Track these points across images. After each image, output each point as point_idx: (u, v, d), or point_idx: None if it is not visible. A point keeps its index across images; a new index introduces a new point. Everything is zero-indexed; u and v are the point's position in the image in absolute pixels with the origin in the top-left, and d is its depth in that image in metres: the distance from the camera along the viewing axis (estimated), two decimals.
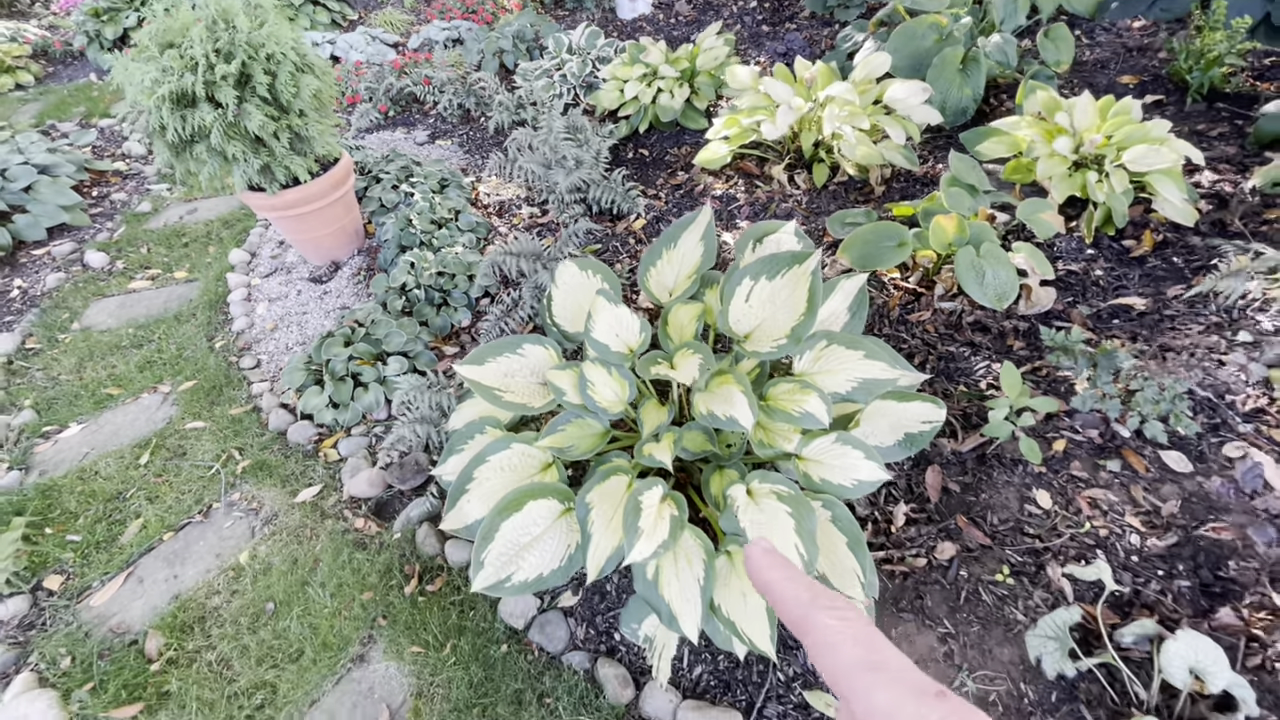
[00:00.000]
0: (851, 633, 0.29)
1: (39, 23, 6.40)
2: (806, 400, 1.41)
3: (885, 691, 0.26)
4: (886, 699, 0.26)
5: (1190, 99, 2.80)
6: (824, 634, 0.29)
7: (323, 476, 2.12)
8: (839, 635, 0.29)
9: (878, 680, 0.26)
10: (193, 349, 2.73)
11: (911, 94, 2.53)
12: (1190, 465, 1.66)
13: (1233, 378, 1.78)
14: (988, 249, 2.01)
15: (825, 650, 0.29)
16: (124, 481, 2.20)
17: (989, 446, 1.81)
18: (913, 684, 0.26)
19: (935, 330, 2.16)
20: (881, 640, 0.29)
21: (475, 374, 1.60)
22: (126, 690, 1.64)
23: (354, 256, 3.04)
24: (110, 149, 4.36)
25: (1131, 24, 3.45)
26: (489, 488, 1.52)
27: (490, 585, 1.37)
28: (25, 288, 3.20)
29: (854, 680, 0.27)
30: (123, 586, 1.90)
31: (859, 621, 0.30)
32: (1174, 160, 2.12)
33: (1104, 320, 2.06)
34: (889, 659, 0.27)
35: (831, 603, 0.31)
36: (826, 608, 0.31)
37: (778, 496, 1.37)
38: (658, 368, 1.49)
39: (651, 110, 3.34)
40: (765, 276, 1.48)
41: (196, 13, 2.25)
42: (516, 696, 1.53)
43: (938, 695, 0.25)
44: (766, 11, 4.51)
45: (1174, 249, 2.23)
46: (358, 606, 1.75)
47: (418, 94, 4.20)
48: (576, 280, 1.78)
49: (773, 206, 2.81)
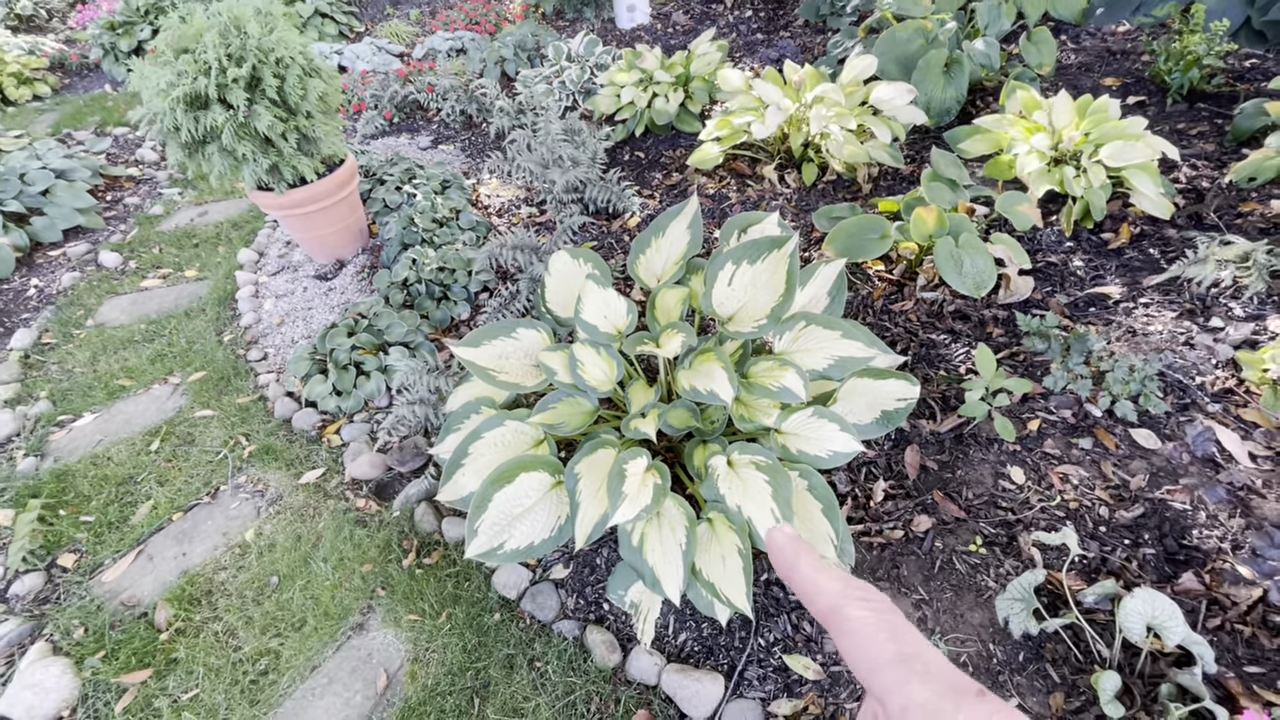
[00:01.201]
0: (885, 625, 0.28)
1: (56, 36, 6.59)
2: (785, 376, 1.48)
3: (923, 688, 0.25)
4: (924, 696, 0.24)
5: (1171, 99, 2.88)
6: (855, 626, 0.28)
7: (326, 460, 2.20)
8: (872, 628, 0.28)
9: (914, 676, 0.25)
10: (202, 342, 2.82)
11: (897, 95, 2.62)
12: (1159, 442, 1.72)
13: (1202, 361, 1.85)
14: (966, 239, 2.09)
15: (857, 643, 0.28)
16: (135, 466, 2.29)
17: (966, 426, 1.87)
18: (951, 682, 0.25)
19: (917, 319, 2.23)
20: (916, 634, 0.28)
21: (471, 355, 1.68)
22: (136, 657, 1.71)
23: (358, 255, 3.14)
24: (124, 155, 4.50)
25: (1115, 29, 3.54)
26: (484, 462, 1.60)
27: (483, 552, 1.44)
28: (42, 286, 3.31)
29: (887, 675, 0.26)
30: (133, 563, 1.98)
31: (892, 614, 0.29)
32: (1150, 156, 2.19)
33: (1081, 308, 2.13)
34: (925, 654, 0.26)
35: (864, 594, 0.30)
36: (858, 599, 0.29)
37: (756, 466, 1.44)
38: (644, 346, 1.57)
39: (647, 114, 3.44)
40: (747, 261, 1.56)
41: (210, 20, 2.36)
42: (508, 661, 1.60)
43: (978, 695, 0.24)
44: (761, 20, 4.62)
45: (1150, 241, 2.30)
46: (358, 579, 1.82)
47: (421, 101, 4.32)
48: (569, 268, 1.86)
49: (764, 204, 2.89)
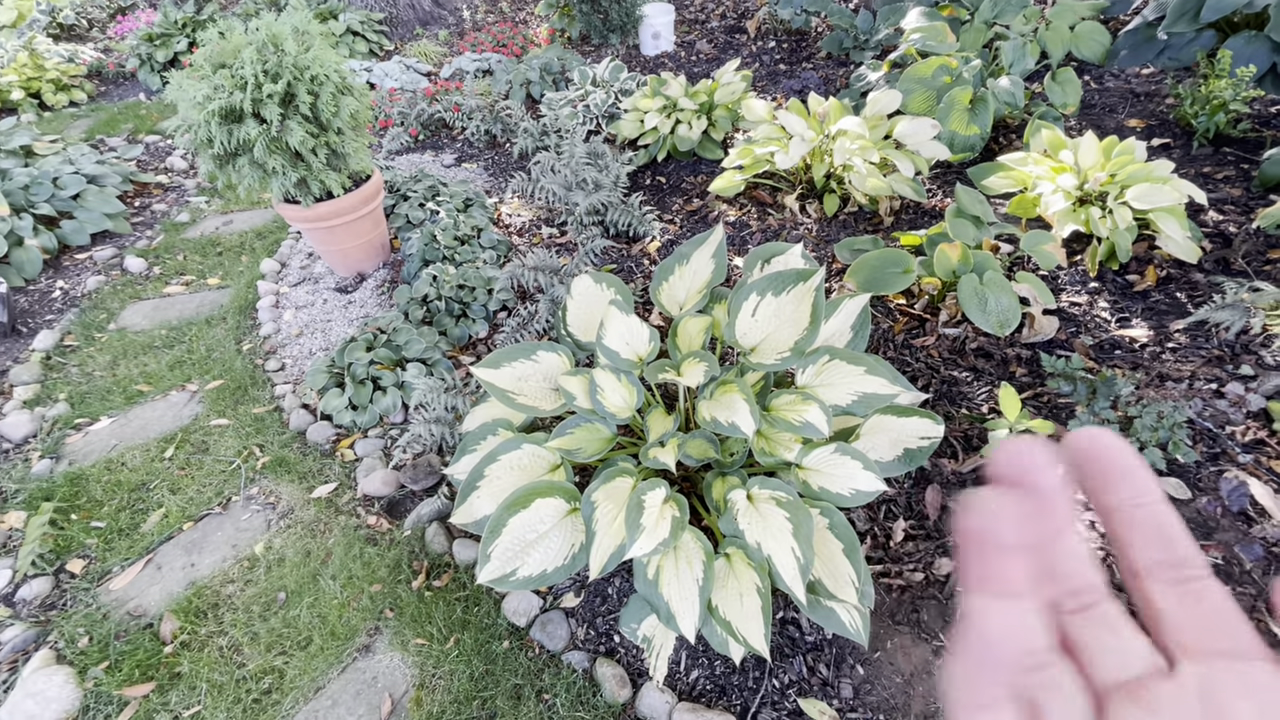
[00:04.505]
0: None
1: (95, 45, 6.78)
2: (807, 411, 1.46)
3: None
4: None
5: (1196, 143, 2.87)
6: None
7: (339, 475, 2.20)
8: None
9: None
10: (221, 351, 2.84)
11: (920, 130, 2.63)
12: (1189, 492, 1.68)
13: (1232, 409, 1.81)
14: (990, 277, 2.08)
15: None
16: (149, 473, 2.29)
17: (988, 468, 1.84)
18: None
19: (939, 355, 2.21)
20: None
21: (491, 376, 1.67)
22: (140, 670, 1.69)
23: (379, 269, 3.17)
24: (154, 163, 4.59)
25: (1139, 71, 3.55)
26: (499, 485, 1.58)
27: (495, 578, 1.42)
28: (67, 289, 3.36)
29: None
30: (142, 572, 1.97)
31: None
32: (1176, 199, 2.18)
33: (1106, 350, 2.10)
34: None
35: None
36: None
37: (777, 502, 1.42)
38: (665, 374, 1.56)
39: (670, 140, 3.47)
40: (771, 292, 1.55)
41: (248, 36, 2.42)
42: (516, 691, 1.57)
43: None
44: (784, 51, 4.68)
45: (1177, 284, 2.28)
46: (366, 599, 1.80)
47: (447, 120, 4.39)
48: (591, 292, 1.86)
49: (784, 234, 2.90)
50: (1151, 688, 0.22)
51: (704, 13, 5.62)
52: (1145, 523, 0.24)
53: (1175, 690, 0.22)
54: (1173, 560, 0.24)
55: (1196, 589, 0.23)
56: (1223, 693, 0.21)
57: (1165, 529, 0.24)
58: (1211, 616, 0.23)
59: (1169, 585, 0.24)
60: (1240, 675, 0.22)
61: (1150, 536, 0.24)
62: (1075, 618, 0.25)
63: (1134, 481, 0.25)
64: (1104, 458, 0.25)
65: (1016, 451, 0.25)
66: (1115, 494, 0.25)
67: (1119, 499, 0.25)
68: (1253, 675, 0.22)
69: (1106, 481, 0.25)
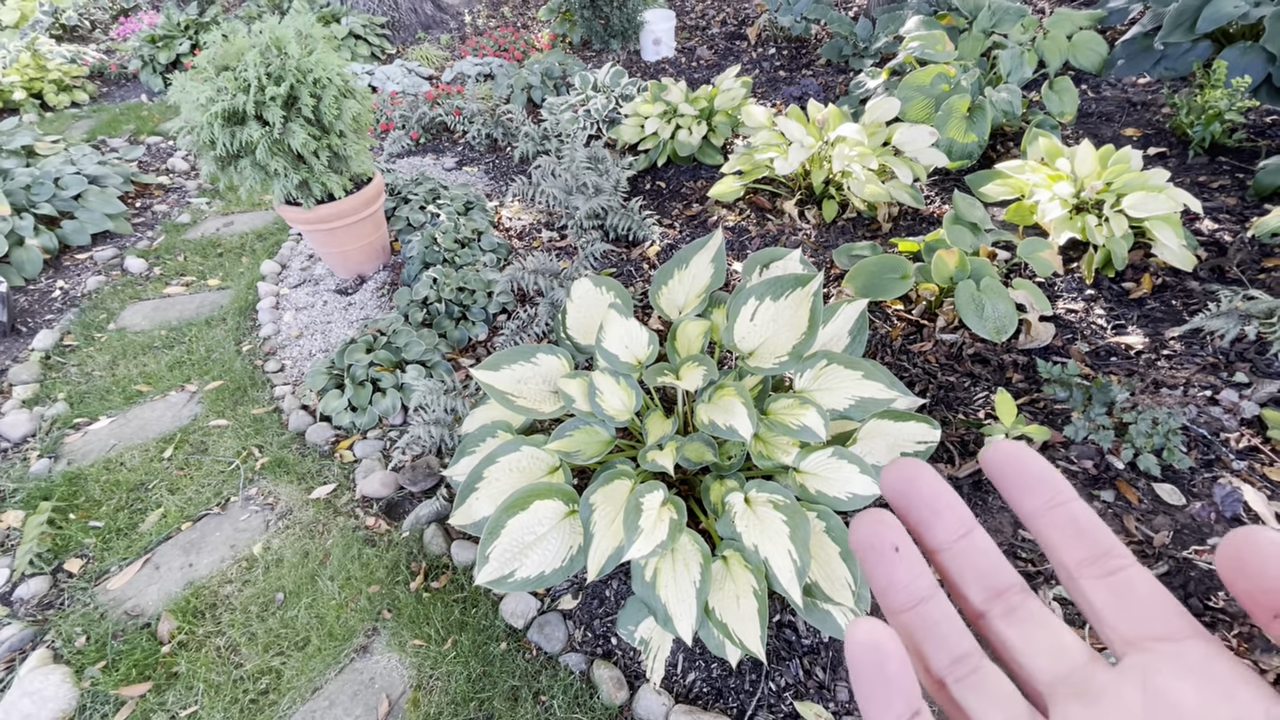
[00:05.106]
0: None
1: (97, 47, 6.80)
2: (805, 415, 1.47)
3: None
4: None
5: (1192, 152, 2.89)
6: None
7: (337, 476, 2.20)
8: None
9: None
10: (221, 351, 2.85)
11: (918, 137, 2.65)
12: (1183, 498, 1.69)
13: (1227, 416, 1.82)
14: (988, 284, 2.09)
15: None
16: (147, 473, 2.29)
17: (985, 473, 1.85)
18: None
19: (936, 361, 2.22)
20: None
21: (490, 378, 1.68)
22: (137, 670, 1.69)
23: (379, 271, 3.18)
24: (156, 164, 4.60)
25: (1136, 80, 3.58)
26: (498, 487, 1.59)
27: (493, 580, 1.42)
28: (67, 289, 3.36)
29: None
30: (139, 572, 1.97)
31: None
32: (1172, 207, 2.20)
33: (1102, 357, 2.12)
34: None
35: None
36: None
37: (774, 505, 1.42)
38: (664, 377, 1.57)
39: (670, 145, 3.49)
40: (770, 297, 1.57)
41: (252, 39, 2.43)
42: (513, 693, 1.57)
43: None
44: (784, 58, 4.71)
45: (1172, 292, 2.29)
46: (364, 599, 1.80)
47: (448, 123, 4.41)
48: (590, 295, 1.87)
49: (783, 239, 2.91)
50: (1092, 680, 0.23)
51: (705, 19, 5.66)
52: (1063, 522, 0.25)
53: (1115, 680, 0.22)
54: (1096, 554, 0.25)
55: (1124, 578, 0.24)
56: (1161, 676, 0.22)
57: (1082, 524, 0.25)
58: (1143, 604, 0.23)
59: (1098, 579, 0.24)
60: (1176, 657, 0.22)
61: (1070, 534, 0.25)
62: (1000, 620, 0.25)
63: (1048, 485, 0.26)
64: (1018, 467, 0.26)
65: (900, 470, 0.27)
66: (1033, 499, 0.26)
67: (1037, 503, 0.26)
68: (1188, 655, 0.22)
69: (1024, 489, 0.26)
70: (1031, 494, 0.26)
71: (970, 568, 0.26)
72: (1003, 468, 0.26)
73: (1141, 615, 0.23)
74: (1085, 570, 0.25)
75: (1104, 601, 0.24)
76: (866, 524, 0.26)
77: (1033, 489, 0.26)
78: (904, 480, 0.27)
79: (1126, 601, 0.24)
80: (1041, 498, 0.26)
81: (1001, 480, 0.26)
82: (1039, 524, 0.26)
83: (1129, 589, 0.24)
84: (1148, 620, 0.23)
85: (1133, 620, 0.23)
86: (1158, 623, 0.23)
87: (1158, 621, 0.23)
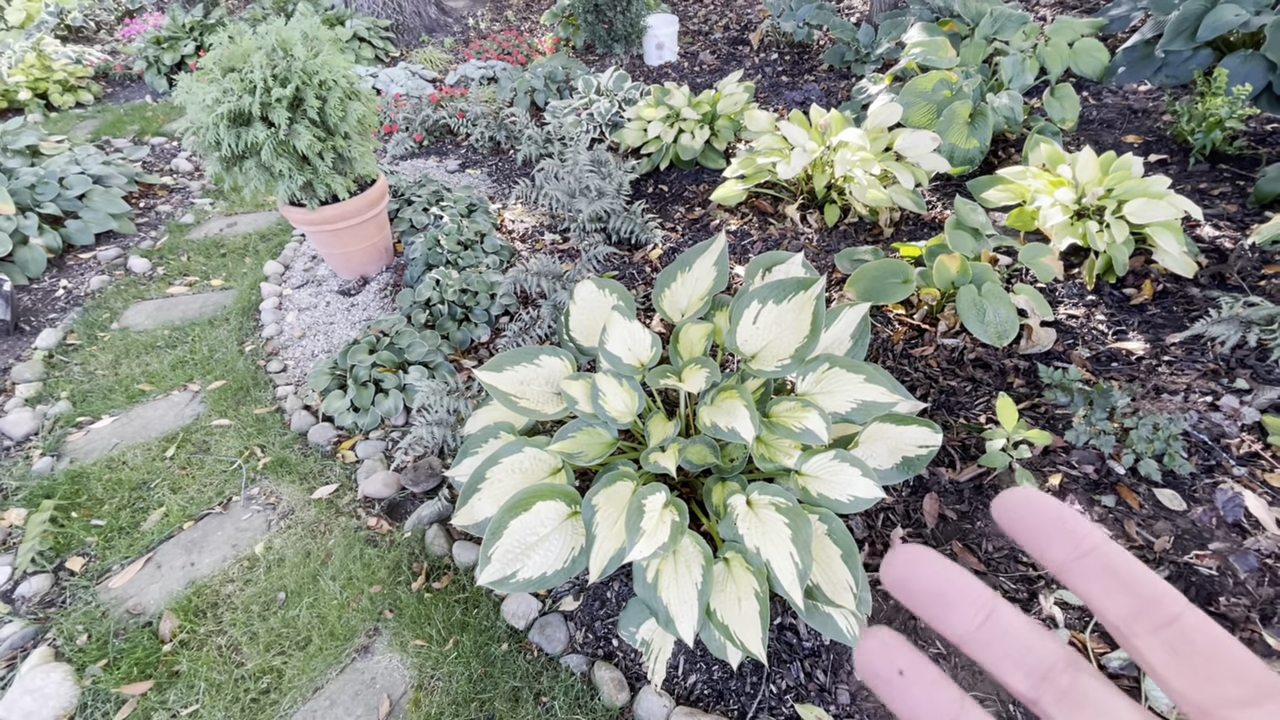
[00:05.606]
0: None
1: (102, 47, 6.82)
2: (807, 417, 1.48)
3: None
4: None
5: (1193, 159, 2.90)
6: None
7: (339, 476, 2.20)
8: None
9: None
10: (223, 351, 2.86)
11: (920, 143, 2.66)
12: (1184, 504, 1.69)
13: (1227, 422, 1.83)
14: (989, 288, 2.10)
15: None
16: (149, 472, 2.29)
17: (986, 477, 1.85)
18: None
19: (937, 365, 2.23)
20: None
21: (493, 379, 1.69)
22: (138, 668, 1.70)
23: (382, 273, 3.19)
24: (160, 164, 4.61)
25: (1137, 88, 3.59)
26: (500, 488, 1.59)
27: (495, 580, 1.43)
28: (70, 288, 3.37)
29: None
30: (141, 570, 1.97)
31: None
32: (1173, 214, 2.21)
33: (1103, 363, 2.12)
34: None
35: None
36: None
37: (776, 508, 1.43)
38: (667, 379, 1.57)
39: (673, 149, 3.50)
40: (773, 300, 1.57)
41: (258, 41, 2.44)
42: (514, 693, 1.57)
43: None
44: (786, 64, 4.73)
45: (1173, 298, 2.30)
46: (365, 599, 1.81)
47: (451, 126, 4.43)
48: (594, 298, 1.88)
49: (785, 243, 2.92)
50: None
51: (707, 24, 5.68)
52: (1097, 572, 0.23)
53: None
54: (1141, 604, 0.22)
55: (1179, 631, 0.21)
56: None
57: (1118, 571, 0.23)
58: (1206, 661, 0.21)
59: (1151, 634, 0.22)
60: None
61: (1109, 586, 0.23)
62: (1054, 707, 0.23)
63: (1070, 530, 0.23)
64: (1034, 516, 0.24)
65: (899, 560, 0.25)
66: (1058, 548, 0.23)
67: (1063, 553, 0.23)
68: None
69: (1046, 538, 0.24)
70: (1055, 543, 0.23)
71: (1003, 655, 0.23)
72: (1018, 521, 0.24)
73: (1209, 675, 0.21)
74: (1135, 626, 0.22)
75: (1162, 662, 0.21)
76: (869, 650, 0.24)
77: (1054, 537, 0.23)
78: (906, 569, 0.24)
79: (1187, 660, 0.21)
80: (1067, 546, 0.23)
81: (1020, 533, 0.24)
82: (1072, 578, 0.23)
83: (1187, 643, 0.21)
84: (1216, 680, 0.20)
85: (1200, 682, 0.21)
86: (1229, 683, 0.20)
87: (1228, 681, 0.20)
